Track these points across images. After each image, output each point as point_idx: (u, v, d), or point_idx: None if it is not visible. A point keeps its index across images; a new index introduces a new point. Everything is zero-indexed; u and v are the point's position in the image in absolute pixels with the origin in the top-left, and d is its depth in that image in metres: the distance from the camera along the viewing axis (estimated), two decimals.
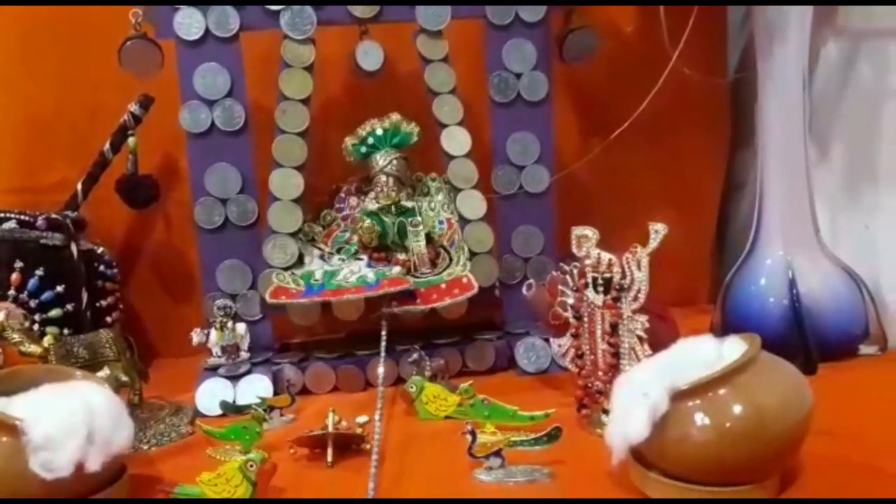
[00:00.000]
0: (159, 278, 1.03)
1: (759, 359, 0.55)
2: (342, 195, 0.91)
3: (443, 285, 0.83)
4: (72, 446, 0.55)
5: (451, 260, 0.87)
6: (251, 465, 0.59)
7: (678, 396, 0.54)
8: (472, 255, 0.86)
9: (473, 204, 0.88)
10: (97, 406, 0.58)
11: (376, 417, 0.69)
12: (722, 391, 0.53)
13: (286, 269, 0.83)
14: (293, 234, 0.84)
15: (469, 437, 0.62)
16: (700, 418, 0.53)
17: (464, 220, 0.87)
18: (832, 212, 0.95)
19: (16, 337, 0.70)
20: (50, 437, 0.55)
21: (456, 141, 0.87)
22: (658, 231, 0.65)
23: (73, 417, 0.56)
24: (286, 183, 0.84)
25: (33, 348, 0.71)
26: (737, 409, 0.53)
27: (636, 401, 0.54)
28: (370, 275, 0.81)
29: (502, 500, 0.58)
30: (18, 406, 0.58)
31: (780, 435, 0.53)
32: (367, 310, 0.82)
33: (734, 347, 0.57)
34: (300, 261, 0.85)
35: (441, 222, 0.89)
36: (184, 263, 1.01)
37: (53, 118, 1.00)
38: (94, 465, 0.56)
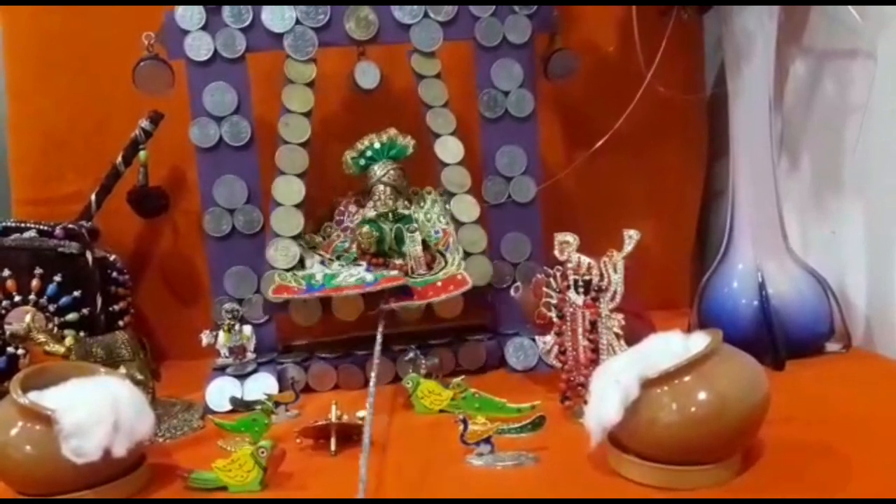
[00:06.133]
0: (168, 284, 1.08)
1: (721, 350, 0.61)
2: (342, 208, 0.96)
3: (438, 283, 0.88)
4: (100, 433, 0.60)
5: (446, 262, 0.91)
6: (262, 452, 0.64)
7: (648, 384, 0.59)
8: (467, 255, 0.91)
9: (467, 208, 0.92)
10: (122, 397, 0.63)
11: (369, 399, 0.73)
12: (687, 379, 0.59)
13: (288, 270, 0.88)
14: (295, 238, 0.89)
15: (461, 426, 0.67)
16: (668, 404, 0.58)
17: (458, 223, 0.92)
18: (802, 219, 1.00)
19: (41, 338, 0.75)
20: (80, 425, 0.60)
21: (449, 149, 0.93)
22: (632, 237, 0.71)
23: (100, 407, 0.61)
24: (288, 189, 0.89)
25: (56, 348, 0.76)
26: (700, 395, 0.58)
27: (610, 387, 0.59)
28: (368, 276, 0.86)
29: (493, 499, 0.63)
30: (50, 398, 0.63)
31: (739, 418, 0.58)
32: (366, 308, 0.87)
33: (699, 341, 0.63)
34: (301, 264, 0.89)
35: (437, 232, 0.93)
36: (191, 270, 1.06)
37: (67, 133, 1.04)
38: (120, 450, 0.61)
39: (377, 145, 0.92)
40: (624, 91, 0.97)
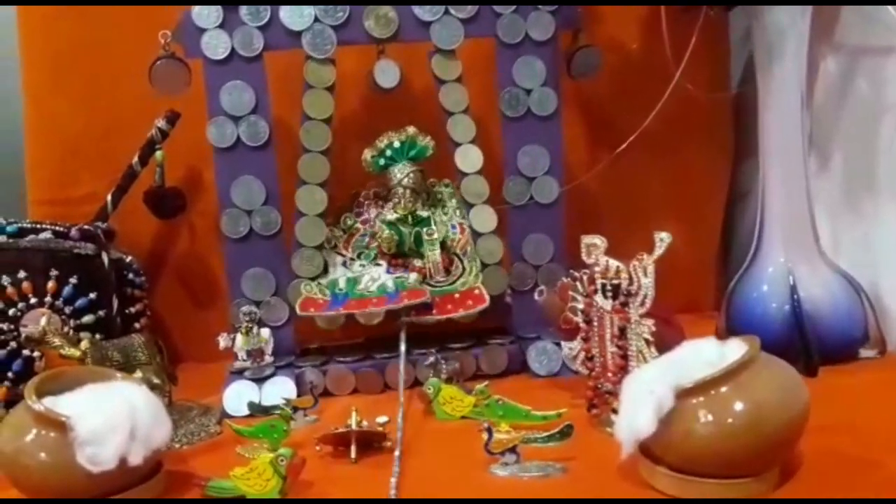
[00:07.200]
0: (184, 286, 1.07)
1: (759, 359, 0.58)
2: (361, 199, 0.95)
3: (457, 295, 0.88)
4: (116, 441, 0.59)
5: (463, 269, 0.90)
6: (281, 460, 0.62)
7: (683, 394, 0.57)
8: (484, 266, 0.90)
9: (485, 218, 0.91)
10: (138, 404, 0.62)
11: (399, 409, 0.73)
12: (724, 389, 0.57)
13: (313, 278, 0.88)
14: (318, 247, 0.89)
15: (485, 435, 0.65)
16: (703, 415, 0.56)
17: (476, 233, 0.91)
18: (833, 220, 0.98)
19: (56, 341, 0.74)
20: (96, 432, 0.58)
21: (468, 158, 0.91)
22: (663, 239, 0.69)
23: (116, 414, 0.60)
24: (311, 199, 0.88)
25: (72, 352, 0.74)
26: (738, 405, 0.56)
27: (643, 398, 0.57)
28: (389, 283, 0.85)
29: (503, 500, 0.61)
30: (65, 404, 0.61)
31: (778, 430, 0.56)
32: (388, 317, 0.86)
33: (735, 348, 0.60)
34: (325, 269, 0.89)
35: (454, 227, 0.93)
36: (208, 271, 1.05)
37: (83, 134, 1.03)
38: (136, 459, 0.60)
39: (397, 144, 0.91)
40: (649, 89, 0.96)
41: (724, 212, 1.17)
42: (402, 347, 0.83)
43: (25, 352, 0.85)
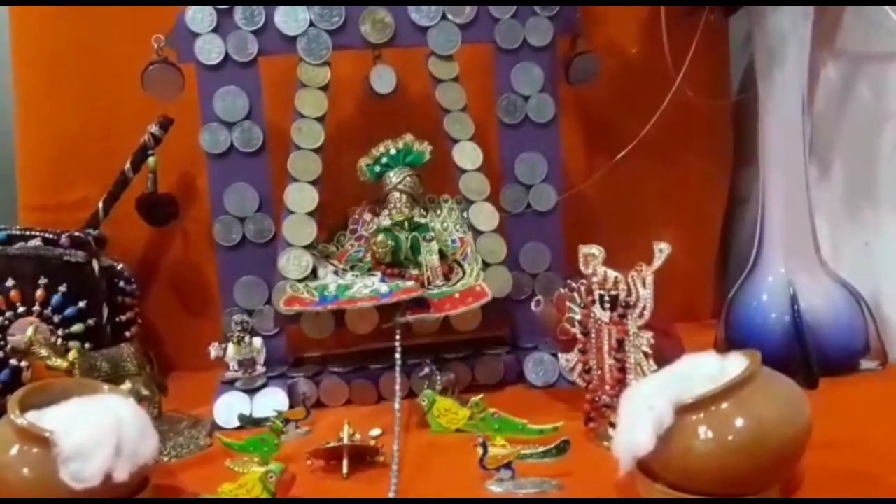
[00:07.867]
0: (176, 294, 1.05)
1: (760, 374, 0.57)
2: (356, 217, 0.93)
3: (456, 295, 0.84)
4: (101, 457, 0.57)
5: (464, 273, 0.88)
6: (271, 476, 0.61)
7: (683, 410, 0.55)
8: (486, 266, 0.88)
9: (486, 216, 0.89)
10: (125, 418, 0.60)
11: (396, 415, 0.71)
12: (724, 405, 0.55)
13: (300, 280, 0.85)
14: (307, 247, 0.86)
15: (480, 450, 0.64)
16: (704, 431, 0.55)
17: (477, 232, 0.89)
18: (833, 229, 0.96)
19: (43, 352, 0.72)
20: (80, 447, 0.57)
21: (467, 155, 0.89)
22: (662, 250, 0.67)
23: (102, 429, 0.58)
24: (301, 197, 0.86)
25: (59, 362, 0.73)
26: (739, 422, 0.55)
27: (642, 414, 0.56)
28: (383, 288, 0.83)
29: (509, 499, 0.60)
30: (49, 418, 0.60)
31: (780, 447, 0.55)
32: (381, 321, 0.83)
33: (736, 363, 0.59)
34: (314, 275, 0.86)
35: (454, 241, 0.90)
36: (200, 279, 1.03)
37: (76, 139, 1.02)
38: (121, 475, 0.58)
39: (393, 152, 0.89)
40: (648, 95, 0.94)
41: (724, 219, 1.16)
42: (398, 351, 0.80)
43: (13, 362, 0.84)
